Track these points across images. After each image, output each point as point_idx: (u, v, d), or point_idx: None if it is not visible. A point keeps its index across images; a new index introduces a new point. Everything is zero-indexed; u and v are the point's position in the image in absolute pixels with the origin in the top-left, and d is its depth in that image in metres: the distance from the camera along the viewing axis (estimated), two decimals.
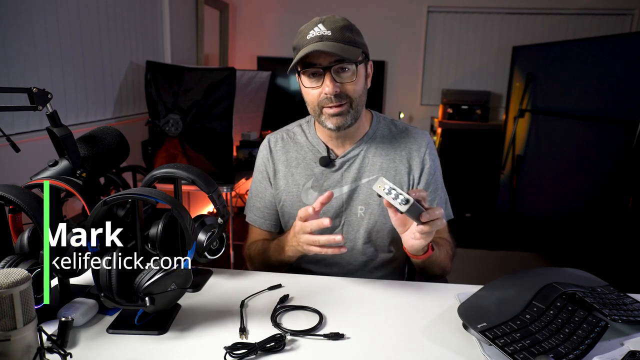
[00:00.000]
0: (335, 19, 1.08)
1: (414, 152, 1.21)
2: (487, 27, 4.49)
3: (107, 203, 0.82)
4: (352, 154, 1.20)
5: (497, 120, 4.51)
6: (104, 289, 0.84)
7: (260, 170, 1.28)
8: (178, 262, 0.85)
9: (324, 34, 1.05)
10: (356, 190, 1.20)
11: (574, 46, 3.44)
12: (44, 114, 0.96)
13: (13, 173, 1.78)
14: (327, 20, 1.07)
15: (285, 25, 4.52)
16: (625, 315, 0.87)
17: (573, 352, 0.76)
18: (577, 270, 1.06)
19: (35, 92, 0.94)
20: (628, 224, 2.70)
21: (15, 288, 0.62)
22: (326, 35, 1.05)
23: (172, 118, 2.58)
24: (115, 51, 2.60)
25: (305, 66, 1.08)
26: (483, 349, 0.81)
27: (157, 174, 1.03)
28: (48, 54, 2.06)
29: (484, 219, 4.30)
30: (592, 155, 3.12)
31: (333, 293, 1.03)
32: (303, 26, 1.10)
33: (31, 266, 0.83)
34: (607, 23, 4.30)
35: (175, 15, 3.22)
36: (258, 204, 1.28)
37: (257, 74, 3.80)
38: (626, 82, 2.86)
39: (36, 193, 0.88)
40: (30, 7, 1.93)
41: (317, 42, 1.04)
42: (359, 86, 1.10)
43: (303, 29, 1.09)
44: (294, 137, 1.26)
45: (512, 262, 3.38)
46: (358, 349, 0.82)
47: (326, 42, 1.04)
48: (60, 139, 0.96)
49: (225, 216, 1.04)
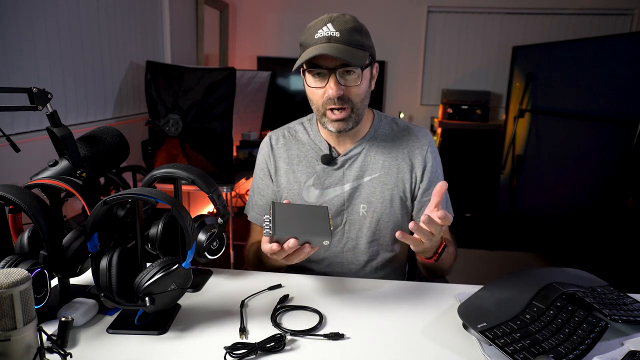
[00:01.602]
0: (345, 19, 1.06)
1: (416, 150, 1.21)
2: (487, 27, 4.49)
3: (107, 203, 0.82)
4: (354, 152, 1.20)
5: (497, 120, 4.51)
6: (104, 289, 0.84)
7: (261, 167, 1.28)
8: (178, 262, 0.85)
9: (333, 34, 1.03)
10: (358, 188, 1.20)
11: (574, 46, 3.44)
12: (44, 114, 0.96)
13: (13, 173, 1.78)
14: (337, 20, 1.05)
15: (285, 25, 4.52)
16: (625, 315, 0.87)
17: (573, 352, 0.76)
18: (577, 270, 1.06)
19: (35, 92, 0.94)
20: (628, 224, 2.70)
21: (15, 288, 0.62)
22: (334, 36, 1.03)
23: (172, 118, 2.58)
24: (115, 51, 2.60)
25: (311, 66, 1.07)
26: (483, 349, 0.81)
27: (157, 174, 1.03)
28: (48, 54, 2.06)
29: (484, 219, 4.30)
30: (592, 155, 3.12)
31: (333, 293, 1.03)
32: (312, 22, 1.09)
33: (31, 266, 0.83)
34: (607, 23, 4.30)
35: (175, 15, 3.22)
36: (260, 201, 1.28)
37: (257, 74, 3.80)
38: (626, 82, 2.86)
39: (36, 193, 0.88)
40: (30, 7, 1.93)
41: (324, 44, 1.03)
42: (362, 89, 1.10)
43: (312, 26, 1.08)
44: (296, 134, 1.26)
45: (512, 262, 3.38)
46: (358, 349, 0.82)
47: (333, 45, 1.02)
48: (60, 139, 0.96)
49: (225, 216, 1.04)
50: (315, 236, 0.89)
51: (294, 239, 0.87)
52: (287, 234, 0.87)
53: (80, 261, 0.90)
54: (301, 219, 0.92)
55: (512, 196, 4.00)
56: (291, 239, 0.87)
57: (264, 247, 0.91)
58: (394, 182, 1.19)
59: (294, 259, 0.92)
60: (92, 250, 0.85)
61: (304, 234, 0.88)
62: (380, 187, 1.19)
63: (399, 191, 1.20)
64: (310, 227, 0.90)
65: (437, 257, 1.04)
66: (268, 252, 0.90)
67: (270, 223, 0.89)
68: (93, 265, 0.85)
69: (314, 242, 0.90)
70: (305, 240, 0.89)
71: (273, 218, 0.89)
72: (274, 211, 0.91)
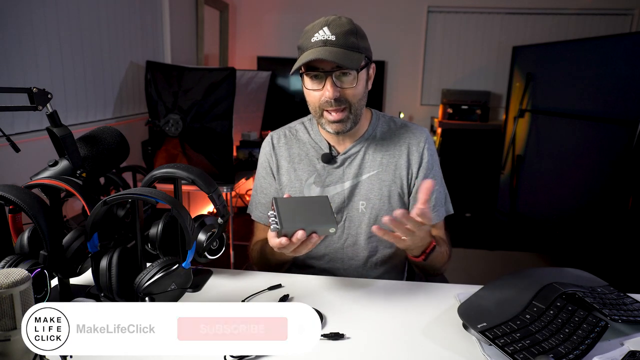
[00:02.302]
0: (341, 21, 1.08)
1: (413, 146, 1.23)
2: (487, 27, 4.49)
3: (107, 203, 0.82)
4: (353, 150, 1.22)
5: (497, 120, 4.51)
6: (104, 289, 0.84)
7: (263, 166, 1.30)
8: (178, 262, 0.85)
9: (328, 38, 1.06)
10: (357, 185, 1.22)
11: (574, 46, 3.44)
12: (44, 114, 0.96)
13: (13, 173, 1.78)
14: (333, 23, 1.08)
15: (285, 25, 4.52)
16: (625, 315, 0.87)
17: (573, 352, 0.76)
18: (577, 270, 1.06)
19: (35, 92, 0.94)
20: (628, 224, 2.70)
21: (15, 288, 0.62)
22: (330, 40, 1.06)
23: (172, 118, 2.58)
24: (115, 51, 2.60)
25: (308, 69, 1.10)
26: (483, 349, 0.81)
27: (157, 174, 1.03)
28: (48, 54, 2.06)
29: (484, 219, 4.30)
30: (592, 156, 3.12)
31: (333, 293, 1.03)
32: (309, 26, 1.11)
33: (31, 266, 0.83)
34: (607, 23, 4.30)
35: (175, 15, 3.22)
36: (263, 200, 1.29)
37: (257, 74, 3.80)
38: (626, 82, 2.86)
39: (36, 193, 0.88)
40: (30, 7, 1.93)
41: (320, 47, 1.06)
42: (358, 90, 1.12)
43: (309, 30, 1.10)
44: (297, 134, 1.28)
45: (512, 262, 3.38)
46: (358, 349, 0.82)
47: (329, 48, 1.05)
48: (60, 139, 0.96)
49: (225, 216, 1.04)
50: (321, 225, 0.91)
51: (301, 231, 0.89)
52: (294, 227, 0.89)
53: (80, 261, 0.90)
54: (305, 211, 0.93)
55: (512, 196, 4.00)
56: (299, 231, 0.89)
57: (271, 242, 0.93)
58: (392, 179, 1.21)
59: (302, 249, 0.94)
60: (92, 250, 0.85)
61: (311, 225, 0.90)
62: (378, 184, 1.21)
63: (396, 187, 1.21)
64: (315, 218, 0.92)
65: (425, 256, 1.06)
66: (277, 247, 0.91)
67: (276, 218, 0.90)
68: (93, 265, 0.85)
69: (320, 232, 0.92)
70: (312, 230, 0.91)
71: (278, 213, 0.91)
72: (278, 206, 0.92)
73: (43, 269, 0.82)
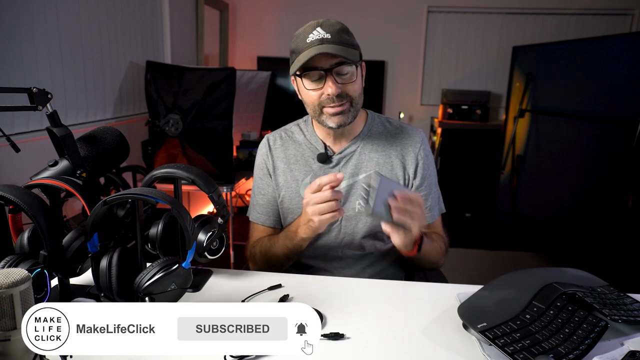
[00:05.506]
0: (332, 22, 1.12)
1: (408, 147, 1.24)
2: (487, 27, 4.49)
3: (107, 203, 0.82)
4: (348, 150, 1.24)
5: (497, 120, 4.51)
6: (104, 289, 0.84)
7: (260, 167, 1.31)
8: (178, 262, 0.85)
9: (324, 37, 1.08)
10: (353, 185, 1.23)
11: (574, 46, 3.44)
12: (44, 114, 0.96)
13: (13, 173, 1.78)
14: (325, 23, 1.11)
15: (285, 25, 4.51)
16: (625, 315, 0.87)
17: (573, 352, 0.76)
18: (577, 270, 1.06)
19: (35, 92, 0.94)
20: (628, 224, 2.70)
21: (15, 288, 0.62)
22: (326, 38, 1.08)
23: (172, 118, 2.58)
24: (115, 51, 2.60)
25: (306, 69, 1.11)
26: (483, 349, 0.81)
27: (157, 174, 1.03)
28: (48, 54, 2.06)
29: (484, 219, 4.30)
30: (592, 156, 3.11)
31: (333, 293, 1.03)
32: (300, 30, 1.13)
33: (31, 266, 0.83)
34: (607, 23, 4.30)
35: (175, 15, 3.22)
36: (261, 200, 1.30)
37: (257, 74, 3.80)
38: (626, 82, 2.86)
39: (36, 193, 0.88)
40: (30, 7, 1.93)
41: (319, 45, 1.08)
42: (357, 85, 1.15)
43: (300, 33, 1.12)
44: (292, 135, 1.30)
45: (512, 262, 3.38)
46: (358, 349, 0.82)
47: (328, 45, 1.07)
48: (60, 139, 0.96)
49: (225, 216, 1.04)
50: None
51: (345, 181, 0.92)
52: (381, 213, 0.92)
53: (80, 261, 0.90)
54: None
55: (512, 196, 4.00)
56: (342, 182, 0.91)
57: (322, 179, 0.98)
58: None
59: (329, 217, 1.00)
60: (92, 250, 0.85)
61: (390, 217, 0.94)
62: None
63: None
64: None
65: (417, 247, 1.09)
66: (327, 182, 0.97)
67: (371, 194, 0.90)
68: (93, 265, 0.85)
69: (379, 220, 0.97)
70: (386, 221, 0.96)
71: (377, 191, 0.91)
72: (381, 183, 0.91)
73: (43, 269, 0.82)
